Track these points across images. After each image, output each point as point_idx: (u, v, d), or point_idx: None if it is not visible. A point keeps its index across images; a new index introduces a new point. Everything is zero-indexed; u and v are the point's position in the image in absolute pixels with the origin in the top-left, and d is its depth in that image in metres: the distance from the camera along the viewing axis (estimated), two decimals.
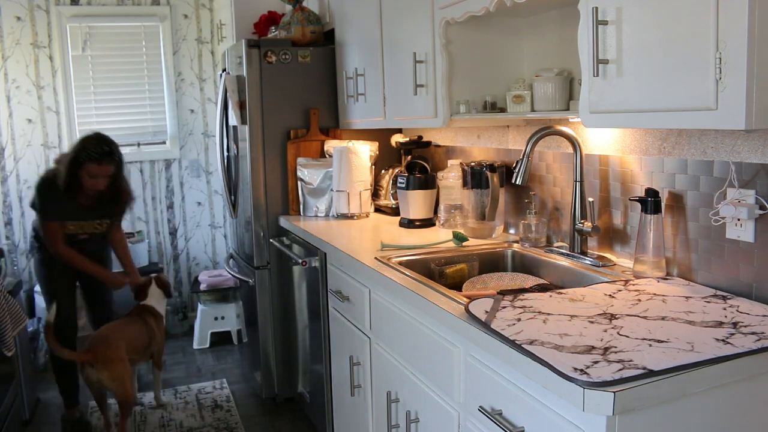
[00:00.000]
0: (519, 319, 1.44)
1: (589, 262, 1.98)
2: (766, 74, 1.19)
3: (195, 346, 4.35)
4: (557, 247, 2.16)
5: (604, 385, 1.10)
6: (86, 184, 2.97)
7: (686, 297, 1.58)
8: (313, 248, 2.71)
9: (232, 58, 3.38)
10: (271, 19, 3.68)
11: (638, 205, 1.84)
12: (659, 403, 1.15)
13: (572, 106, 2.01)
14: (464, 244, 2.33)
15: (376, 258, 2.17)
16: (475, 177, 2.45)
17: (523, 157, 2.00)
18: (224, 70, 3.53)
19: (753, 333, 1.32)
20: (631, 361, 1.19)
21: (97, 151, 2.91)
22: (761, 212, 1.54)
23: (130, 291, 3.38)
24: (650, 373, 1.14)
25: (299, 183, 3.20)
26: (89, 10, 4.36)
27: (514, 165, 2.06)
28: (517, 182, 2.01)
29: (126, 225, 4.54)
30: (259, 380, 3.42)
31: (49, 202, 3.03)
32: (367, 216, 3.10)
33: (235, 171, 3.54)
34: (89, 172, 2.93)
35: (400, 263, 2.11)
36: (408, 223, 2.77)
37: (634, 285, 1.69)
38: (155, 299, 3.36)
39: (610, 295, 1.60)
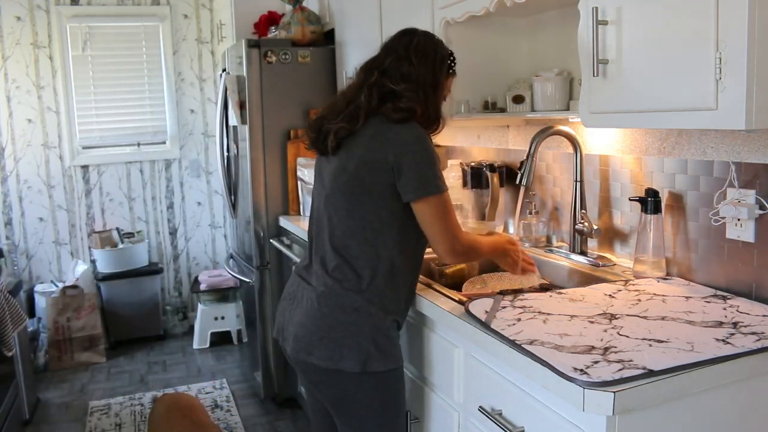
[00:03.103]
0: (519, 319, 1.44)
1: (589, 262, 1.98)
2: (766, 74, 1.19)
3: (195, 346, 4.35)
4: (557, 247, 2.16)
5: (604, 385, 1.10)
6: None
7: (686, 297, 1.58)
8: None
9: (232, 58, 3.38)
10: (271, 19, 3.68)
11: (638, 205, 1.84)
12: (659, 403, 1.15)
13: (572, 106, 2.01)
14: None
15: None
16: (475, 177, 2.45)
17: (528, 158, 2.00)
18: (224, 70, 3.53)
19: (753, 333, 1.32)
20: (631, 361, 1.19)
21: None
22: (761, 212, 1.54)
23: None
24: (650, 373, 1.14)
25: (299, 183, 3.20)
26: (89, 10, 4.36)
27: (518, 166, 2.06)
28: (522, 183, 2.00)
29: (126, 225, 4.55)
30: (259, 380, 3.41)
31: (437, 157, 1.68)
32: None
33: (235, 171, 3.54)
34: (449, 90, 1.83)
35: None
36: None
37: (634, 285, 1.69)
38: None
39: (610, 295, 1.60)
